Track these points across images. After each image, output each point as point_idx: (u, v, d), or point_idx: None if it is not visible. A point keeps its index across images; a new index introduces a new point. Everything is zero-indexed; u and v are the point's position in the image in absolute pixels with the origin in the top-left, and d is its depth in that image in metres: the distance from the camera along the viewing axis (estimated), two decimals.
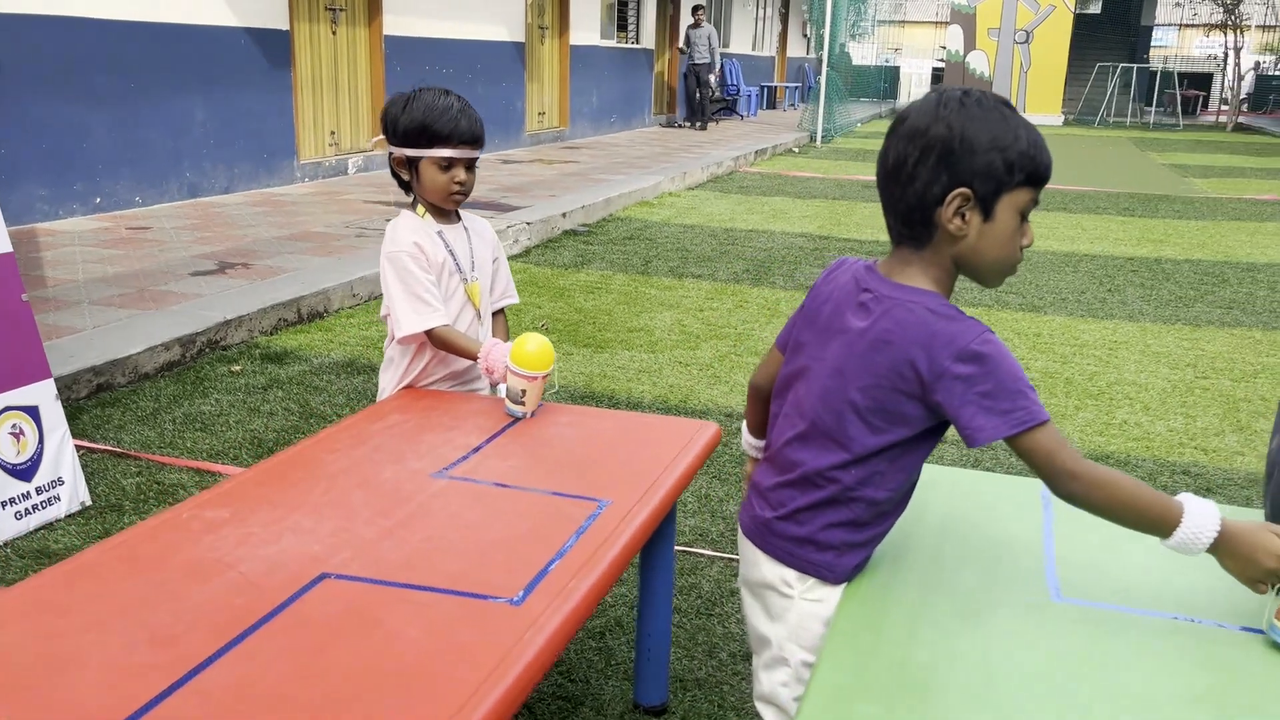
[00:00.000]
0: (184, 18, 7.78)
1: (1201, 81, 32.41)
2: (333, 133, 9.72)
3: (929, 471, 1.93)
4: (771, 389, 1.69)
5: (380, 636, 1.38)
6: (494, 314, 2.63)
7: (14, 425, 3.02)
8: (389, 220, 2.51)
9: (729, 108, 20.34)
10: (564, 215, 8.23)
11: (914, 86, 38.99)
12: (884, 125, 23.84)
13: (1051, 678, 1.35)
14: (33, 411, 3.08)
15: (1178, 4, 32.70)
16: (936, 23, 38.71)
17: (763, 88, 24.16)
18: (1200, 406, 4.47)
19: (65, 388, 4.03)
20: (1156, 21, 34.85)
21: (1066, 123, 25.71)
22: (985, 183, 1.43)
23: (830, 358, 1.53)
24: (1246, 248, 8.44)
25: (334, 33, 9.59)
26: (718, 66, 16.95)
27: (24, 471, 3.02)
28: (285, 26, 8.78)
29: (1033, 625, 1.47)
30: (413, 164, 2.39)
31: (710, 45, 16.81)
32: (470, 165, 2.39)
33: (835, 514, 1.55)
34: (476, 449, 2.04)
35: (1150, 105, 26.83)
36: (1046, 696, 1.31)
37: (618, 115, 16.08)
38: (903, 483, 1.56)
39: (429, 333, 2.38)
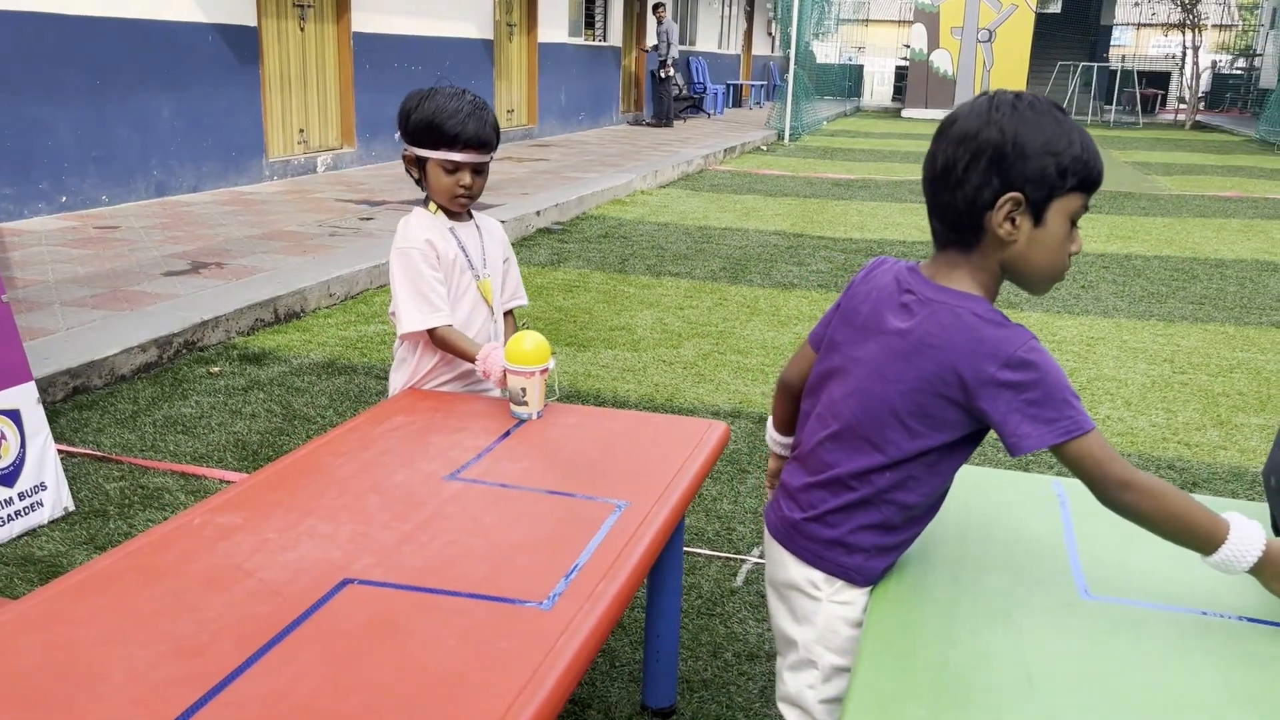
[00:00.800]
0: (149, 14, 7.64)
1: (1159, 80, 32.88)
2: (301, 130, 9.61)
3: None
4: (802, 386, 1.67)
5: (412, 644, 1.35)
6: (503, 315, 2.60)
7: None
8: (402, 218, 2.47)
9: (696, 106, 20.35)
10: (538, 213, 8.19)
11: (877, 85, 39.25)
12: (849, 124, 23.96)
13: (1091, 676, 1.35)
14: (14, 415, 3.00)
15: (1135, 3, 33.14)
16: (900, 21, 38.97)
17: (728, 86, 24.19)
18: (1180, 401, 4.52)
19: (41, 390, 3.93)
20: (1115, 21, 35.33)
21: None
22: (1037, 188, 1.40)
23: (868, 358, 1.52)
24: (1214, 244, 8.56)
25: (302, 29, 9.47)
26: (668, 60, 16.98)
27: (6, 477, 2.94)
28: (253, 23, 8.66)
29: (1066, 624, 1.47)
30: (422, 163, 2.35)
31: (667, 40, 16.86)
32: (479, 169, 2.35)
33: (866, 516, 1.54)
34: (486, 450, 2.01)
35: (1110, 104, 27.18)
36: (1088, 695, 1.31)
37: (586, 113, 16.04)
38: (937, 487, 1.55)
39: (431, 333, 2.35)
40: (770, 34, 29.06)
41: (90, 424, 3.82)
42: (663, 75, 16.98)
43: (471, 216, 2.47)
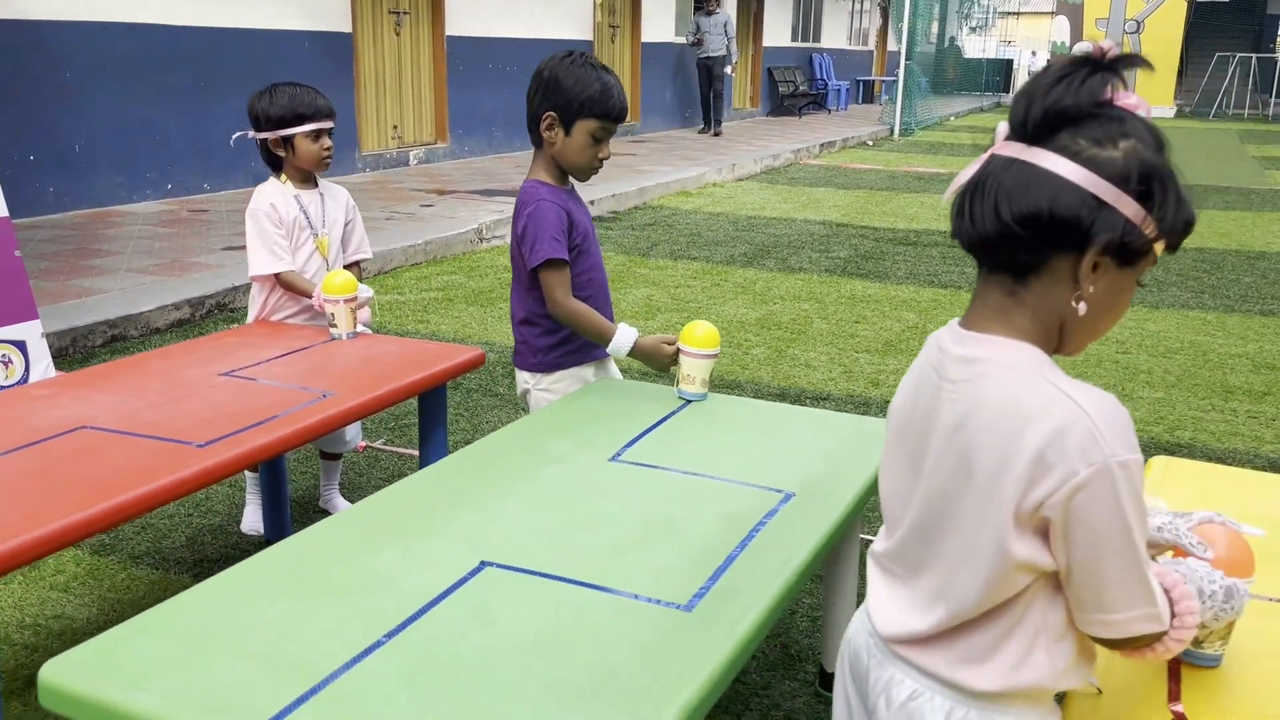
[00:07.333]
0: (251, 23, 8.63)
1: None
2: (395, 126, 10.51)
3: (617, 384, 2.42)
4: None
5: (92, 461, 1.95)
6: (350, 266, 3.20)
7: (4, 355, 3.75)
8: (257, 186, 3.11)
9: (817, 102, 20.55)
10: (592, 203, 8.78)
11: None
12: (980, 119, 23.60)
13: (534, 503, 1.84)
14: (21, 345, 3.80)
15: None
16: (1052, 13, 37.77)
17: (857, 82, 24.21)
18: (1092, 378, 4.73)
19: (83, 336, 4.79)
20: None
21: (1179, 114, 24.95)
22: (564, 111, 2.33)
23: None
24: (1268, 238, 8.40)
25: (397, 34, 10.37)
26: (734, 59, 15.29)
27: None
28: (348, 29, 9.59)
29: (564, 476, 1.96)
30: (287, 142, 2.98)
31: (727, 35, 14.90)
32: (330, 132, 3.01)
33: (530, 329, 2.50)
34: (265, 361, 2.61)
35: (1272, 96, 25.74)
36: (523, 524, 1.80)
37: (693, 110, 16.53)
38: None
39: (276, 276, 2.96)
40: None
41: None
42: (728, 71, 15.30)
43: (317, 185, 3.08)
